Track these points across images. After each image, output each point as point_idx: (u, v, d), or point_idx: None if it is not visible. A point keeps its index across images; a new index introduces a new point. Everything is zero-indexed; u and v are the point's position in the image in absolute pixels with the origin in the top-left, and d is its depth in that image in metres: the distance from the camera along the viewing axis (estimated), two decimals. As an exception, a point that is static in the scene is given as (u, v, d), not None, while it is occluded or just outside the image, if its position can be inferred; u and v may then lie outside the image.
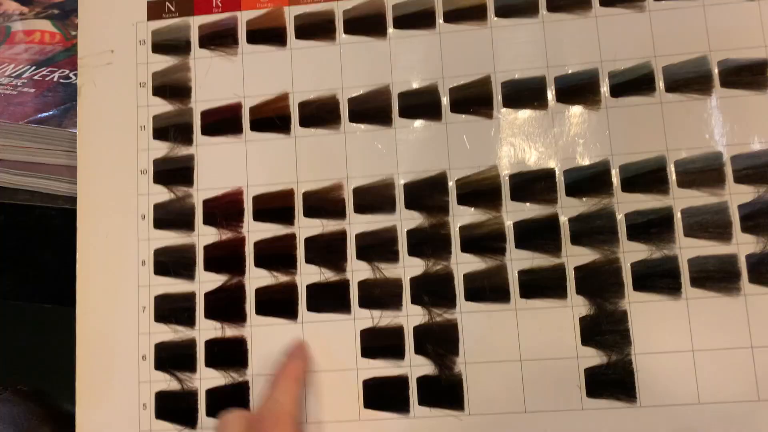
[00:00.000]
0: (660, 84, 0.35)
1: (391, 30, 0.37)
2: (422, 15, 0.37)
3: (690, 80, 0.35)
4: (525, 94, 0.35)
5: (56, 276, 0.42)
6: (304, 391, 0.34)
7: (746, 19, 0.35)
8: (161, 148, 0.37)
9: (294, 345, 0.34)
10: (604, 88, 0.35)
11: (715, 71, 0.35)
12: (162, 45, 0.38)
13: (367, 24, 0.37)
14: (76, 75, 0.45)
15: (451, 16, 0.36)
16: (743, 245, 0.33)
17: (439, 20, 0.36)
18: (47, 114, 0.41)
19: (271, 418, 0.30)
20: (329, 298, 0.35)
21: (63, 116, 0.41)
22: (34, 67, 0.46)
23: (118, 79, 0.38)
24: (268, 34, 0.37)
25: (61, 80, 0.45)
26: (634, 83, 0.35)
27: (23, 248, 0.42)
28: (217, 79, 0.37)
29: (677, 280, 0.33)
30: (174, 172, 0.37)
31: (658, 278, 0.33)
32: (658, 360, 0.33)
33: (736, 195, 0.34)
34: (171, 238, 0.36)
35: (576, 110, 0.35)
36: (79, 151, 0.37)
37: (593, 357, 0.33)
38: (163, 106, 0.37)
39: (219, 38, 0.38)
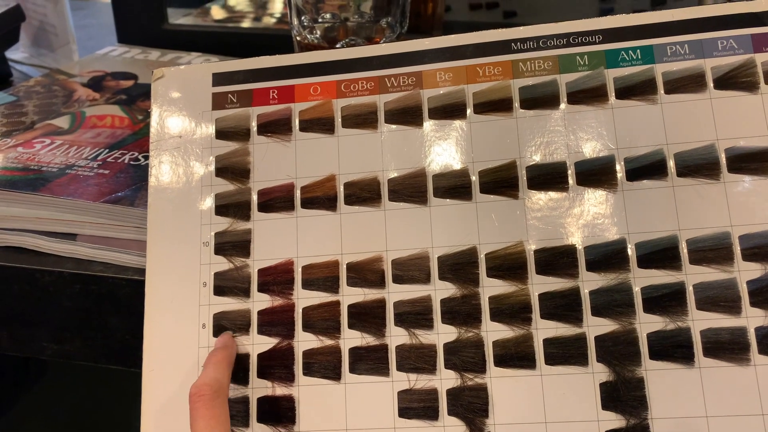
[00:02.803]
0: (672, 169, 0.38)
1: (426, 120, 0.41)
2: (455, 107, 0.41)
3: (700, 166, 0.38)
4: (547, 177, 0.39)
5: (124, 340, 0.46)
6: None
7: (750, 110, 0.38)
8: (222, 223, 0.41)
9: (221, 338, 0.39)
10: (620, 173, 0.39)
11: (723, 158, 0.38)
12: (224, 131, 0.43)
13: (405, 115, 0.41)
14: (144, 157, 0.51)
15: (480, 108, 0.41)
16: (752, 318, 0.36)
17: (470, 111, 0.41)
18: (121, 194, 0.46)
19: (209, 391, 0.35)
20: (370, 362, 0.38)
21: (134, 196, 0.46)
22: (107, 150, 0.52)
23: (184, 160, 0.43)
24: (318, 123, 0.42)
25: (131, 162, 0.50)
26: (648, 168, 0.38)
27: (95, 314, 0.46)
28: (273, 162, 0.42)
29: (690, 350, 0.36)
30: (233, 245, 0.41)
31: (673, 348, 0.36)
32: (674, 425, 0.35)
33: (745, 272, 0.37)
34: (229, 303, 0.40)
35: (594, 192, 0.39)
36: (149, 224, 0.42)
37: (613, 421, 0.36)
38: (224, 185, 0.42)
39: (275, 126, 0.43)
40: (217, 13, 0.98)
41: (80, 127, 0.57)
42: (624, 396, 0.36)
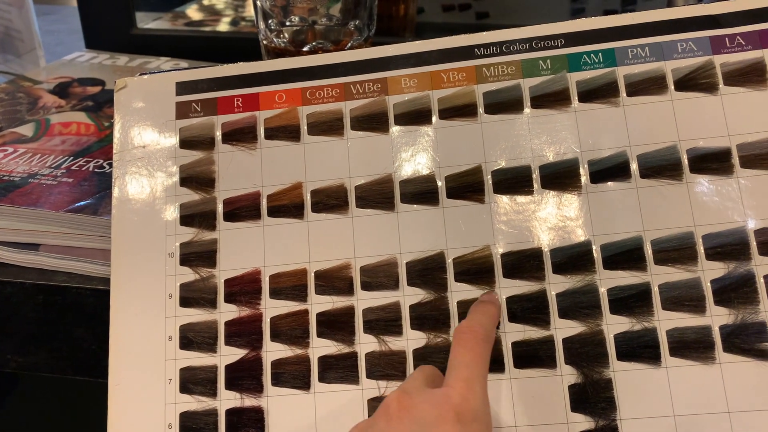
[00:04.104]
0: (635, 171, 0.39)
1: (392, 126, 0.41)
2: (420, 113, 0.41)
3: (662, 167, 0.38)
4: (513, 181, 0.39)
5: (89, 350, 0.45)
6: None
7: (711, 111, 0.39)
8: (188, 233, 0.41)
9: (488, 295, 0.38)
10: (584, 176, 0.39)
11: (685, 159, 0.38)
12: (189, 141, 0.42)
13: (371, 121, 0.41)
14: (109, 164, 0.50)
15: (446, 113, 0.41)
16: (716, 317, 0.36)
17: (435, 117, 0.41)
18: (84, 203, 0.45)
19: (482, 332, 0.34)
20: (339, 370, 0.38)
21: (98, 204, 0.45)
22: (71, 158, 0.51)
23: (149, 171, 0.42)
24: (283, 130, 0.42)
25: (96, 170, 0.49)
26: (611, 170, 0.39)
27: (60, 325, 0.45)
28: (238, 170, 0.42)
29: (657, 350, 0.36)
30: (199, 255, 0.40)
31: (640, 349, 0.36)
32: (642, 425, 0.36)
33: (708, 271, 0.37)
34: (195, 315, 0.40)
35: (559, 195, 0.39)
36: (113, 236, 0.41)
37: (582, 422, 0.36)
38: (189, 195, 0.41)
39: (240, 134, 0.42)
40: (194, 14, 0.97)
41: (45, 134, 0.56)
42: (593, 397, 0.36)
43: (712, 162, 0.38)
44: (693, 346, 0.36)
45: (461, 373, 0.32)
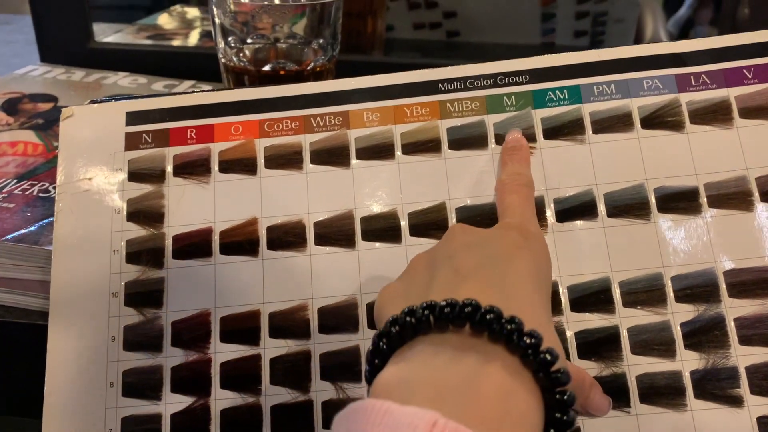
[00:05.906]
0: (602, 209, 0.38)
1: (354, 160, 0.40)
2: (383, 147, 0.39)
3: (629, 206, 0.37)
4: (477, 219, 0.38)
5: (27, 389, 0.42)
6: None
7: (677, 149, 0.38)
8: (133, 272, 0.38)
9: (515, 138, 0.39)
10: (550, 214, 0.38)
11: (652, 198, 0.38)
12: (138, 173, 0.40)
13: (332, 155, 0.40)
14: (55, 189, 0.47)
15: (409, 149, 0.39)
16: (687, 362, 0.35)
17: (398, 152, 0.39)
18: (24, 231, 0.42)
19: (525, 181, 0.37)
20: (294, 421, 0.36)
21: (40, 233, 0.42)
22: (15, 181, 0.48)
23: (94, 205, 0.40)
24: (239, 163, 0.40)
25: (41, 194, 0.47)
26: (577, 209, 0.38)
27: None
28: (190, 205, 0.39)
29: (627, 397, 0.35)
30: (144, 295, 0.38)
31: (609, 395, 0.35)
32: (612, 477, 0.34)
33: (678, 314, 0.36)
34: (139, 359, 0.37)
35: (526, 234, 0.37)
36: (53, 275, 0.38)
37: (550, 475, 0.34)
38: (136, 231, 0.39)
39: (193, 167, 0.40)
40: (161, 26, 0.94)
41: (-12, 154, 0.53)
42: (561, 448, 0.34)
43: (680, 201, 0.37)
44: (663, 392, 0.35)
45: (515, 211, 0.34)
